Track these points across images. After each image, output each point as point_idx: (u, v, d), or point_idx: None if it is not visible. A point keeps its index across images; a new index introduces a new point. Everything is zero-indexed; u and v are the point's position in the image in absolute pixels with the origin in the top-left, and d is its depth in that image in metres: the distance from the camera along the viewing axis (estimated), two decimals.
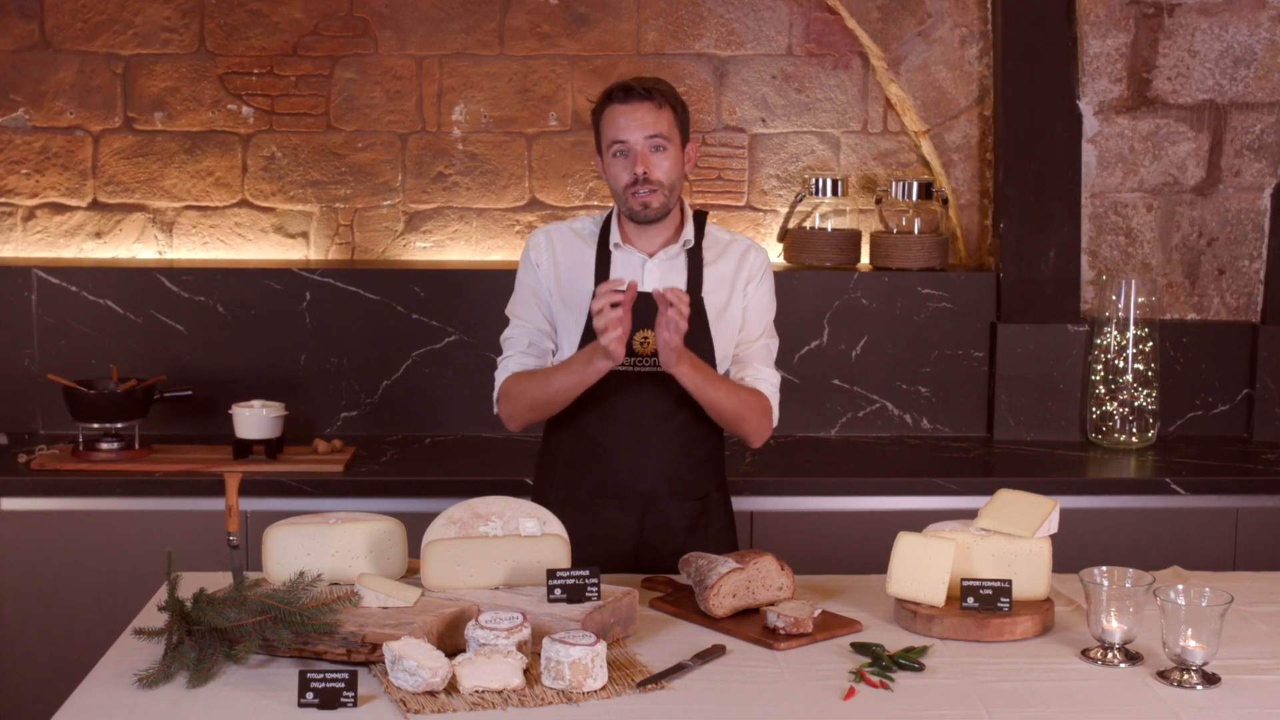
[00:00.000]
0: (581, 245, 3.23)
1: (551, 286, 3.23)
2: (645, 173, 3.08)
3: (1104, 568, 2.72)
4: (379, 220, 4.68)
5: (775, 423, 3.25)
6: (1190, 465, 4.19)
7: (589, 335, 3.12)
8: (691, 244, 3.21)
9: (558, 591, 2.69)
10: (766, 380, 3.24)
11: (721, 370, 3.21)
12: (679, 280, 3.19)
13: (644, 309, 3.10)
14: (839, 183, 4.53)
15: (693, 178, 4.68)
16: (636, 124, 3.09)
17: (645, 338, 3.13)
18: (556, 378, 3.12)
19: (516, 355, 3.24)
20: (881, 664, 2.60)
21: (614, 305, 2.93)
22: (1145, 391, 4.39)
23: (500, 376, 3.25)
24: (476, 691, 2.43)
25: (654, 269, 3.19)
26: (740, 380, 3.22)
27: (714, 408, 3.14)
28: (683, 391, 3.11)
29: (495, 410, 3.26)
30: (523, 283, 3.28)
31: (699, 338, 3.15)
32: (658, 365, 3.10)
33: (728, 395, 3.13)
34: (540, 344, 3.24)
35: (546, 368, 3.20)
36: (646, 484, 3.20)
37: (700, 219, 3.25)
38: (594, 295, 2.98)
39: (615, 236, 3.20)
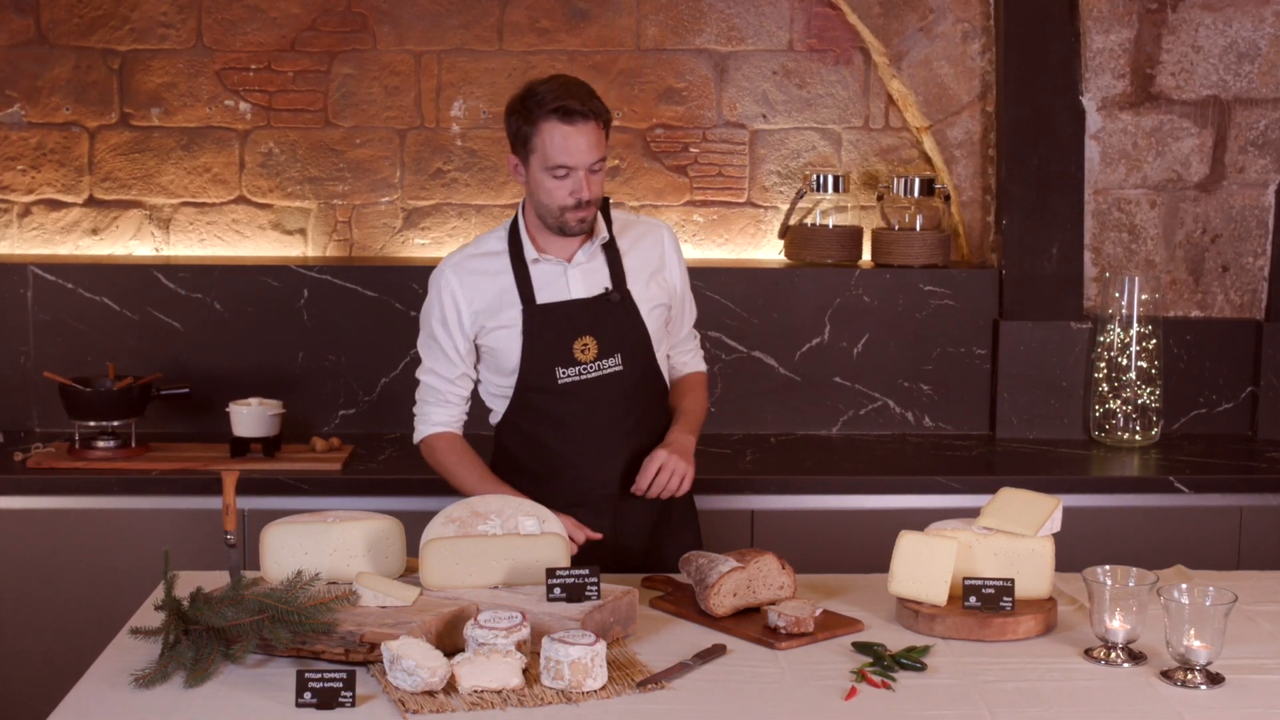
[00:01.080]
0: (495, 267, 3.18)
1: (469, 322, 3.19)
2: (588, 199, 3.07)
3: (1107, 567, 2.71)
4: (377, 217, 4.66)
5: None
6: (1194, 463, 4.17)
7: (531, 346, 3.13)
8: (607, 238, 3.20)
9: (557, 591, 2.68)
10: (694, 353, 3.43)
11: (661, 352, 3.27)
12: (602, 279, 3.17)
13: (583, 312, 3.15)
14: (840, 179, 4.51)
15: (693, 174, 4.66)
16: (583, 150, 3.02)
17: (585, 344, 3.14)
18: (470, 483, 3.18)
19: (438, 406, 3.29)
20: (883, 664, 2.59)
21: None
22: (1148, 389, 4.37)
23: (422, 426, 3.30)
24: (475, 691, 2.42)
25: (576, 274, 3.18)
26: (683, 366, 3.40)
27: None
28: (632, 391, 3.18)
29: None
30: (431, 330, 3.23)
31: (636, 337, 3.19)
32: (603, 370, 3.16)
33: (703, 414, 3.35)
34: (455, 392, 3.28)
35: (470, 464, 3.22)
36: (613, 486, 3.21)
37: (604, 209, 3.23)
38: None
39: (530, 250, 3.16)
